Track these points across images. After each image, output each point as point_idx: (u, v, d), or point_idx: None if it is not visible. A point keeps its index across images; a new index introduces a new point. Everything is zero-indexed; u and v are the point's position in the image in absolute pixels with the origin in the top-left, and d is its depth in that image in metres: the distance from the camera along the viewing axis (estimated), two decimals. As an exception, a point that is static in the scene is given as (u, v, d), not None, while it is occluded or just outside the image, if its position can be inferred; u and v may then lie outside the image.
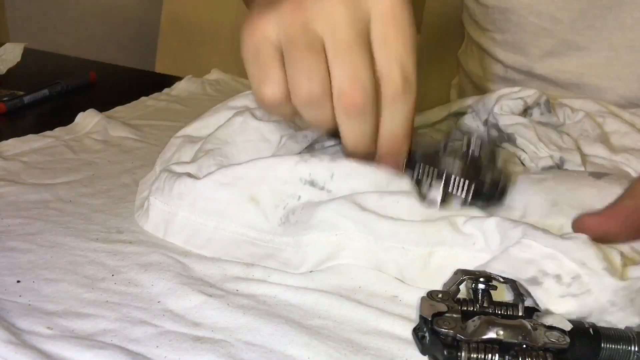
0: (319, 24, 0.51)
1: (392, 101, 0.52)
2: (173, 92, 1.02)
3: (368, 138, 0.53)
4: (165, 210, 0.55)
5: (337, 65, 0.51)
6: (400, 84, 0.51)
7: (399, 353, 0.42)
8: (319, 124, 0.53)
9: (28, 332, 0.42)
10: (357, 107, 0.51)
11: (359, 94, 0.50)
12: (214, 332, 0.43)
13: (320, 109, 0.52)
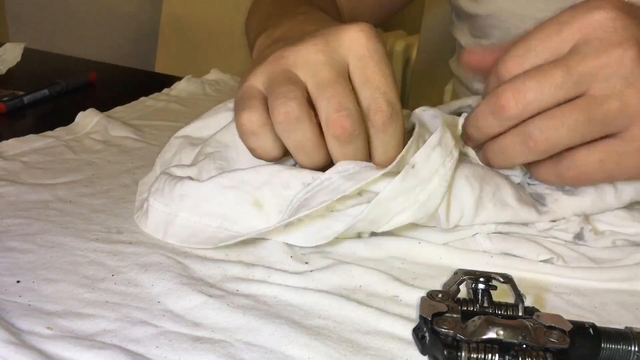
0: (299, 69, 0.54)
1: (382, 128, 0.54)
2: (172, 92, 1.02)
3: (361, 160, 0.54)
4: (165, 211, 0.55)
5: (322, 99, 0.53)
6: (388, 110, 0.53)
7: (399, 353, 0.42)
8: (302, 150, 0.54)
9: (28, 332, 0.42)
10: (346, 132, 0.52)
11: (347, 119, 0.52)
12: (214, 332, 0.43)
13: (299, 131, 0.52)
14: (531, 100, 0.51)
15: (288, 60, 0.55)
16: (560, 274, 0.53)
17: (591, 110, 0.51)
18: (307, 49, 0.54)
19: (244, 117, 0.54)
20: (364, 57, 0.54)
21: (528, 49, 0.55)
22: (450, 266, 0.52)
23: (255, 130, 0.54)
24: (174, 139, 0.66)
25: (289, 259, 0.53)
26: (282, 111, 0.52)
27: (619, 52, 0.51)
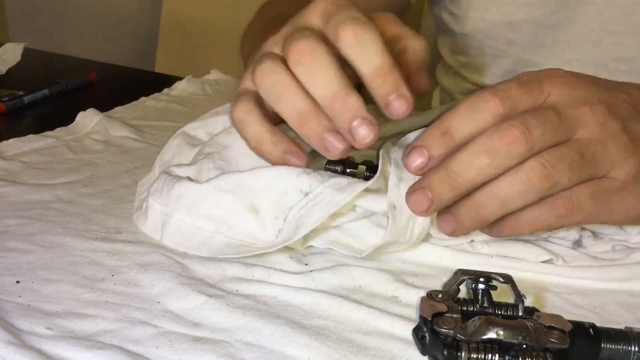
0: (275, 48, 0.56)
1: (352, 43, 0.52)
2: (173, 93, 1.02)
3: (340, 83, 0.52)
4: (162, 212, 0.55)
5: (284, 45, 0.54)
6: (353, 25, 0.52)
7: (399, 353, 0.42)
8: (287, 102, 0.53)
9: (28, 333, 0.42)
10: (305, 50, 0.52)
11: (302, 39, 0.52)
12: (214, 332, 0.43)
13: (276, 76, 0.53)
14: (537, 137, 0.50)
15: (264, 48, 0.57)
16: (560, 273, 0.53)
17: (583, 149, 0.51)
18: (280, 32, 0.57)
19: (233, 110, 0.56)
20: (325, 8, 0.55)
21: (511, 87, 0.53)
22: (450, 266, 0.52)
23: (241, 117, 0.55)
24: (173, 139, 0.66)
25: (288, 259, 0.53)
26: (257, 72, 0.54)
27: (588, 106, 0.53)
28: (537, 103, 0.53)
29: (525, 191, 0.50)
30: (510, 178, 0.50)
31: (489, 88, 0.53)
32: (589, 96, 0.54)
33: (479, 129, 0.51)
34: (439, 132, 0.51)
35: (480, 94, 0.52)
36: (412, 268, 0.53)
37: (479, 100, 0.52)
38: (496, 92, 0.52)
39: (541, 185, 0.49)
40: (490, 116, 0.51)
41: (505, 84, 0.53)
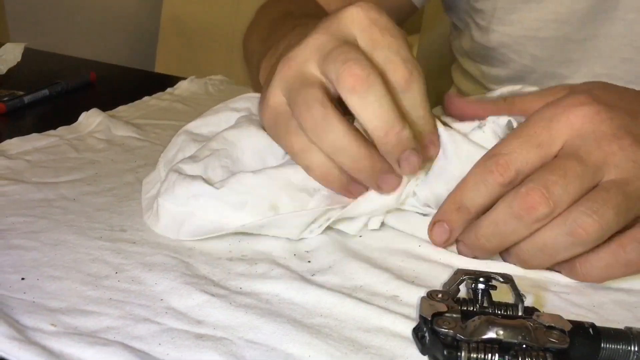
0: (311, 63, 0.53)
1: (406, 86, 0.52)
2: (176, 92, 1.03)
3: (394, 113, 0.51)
4: (178, 211, 0.55)
5: (328, 64, 0.52)
6: (405, 68, 0.52)
7: (399, 352, 0.42)
8: (340, 150, 0.52)
9: (32, 329, 0.42)
10: (359, 78, 0.50)
11: (355, 65, 0.50)
12: (216, 329, 0.43)
13: (330, 131, 0.52)
14: (560, 194, 0.49)
15: (297, 59, 0.54)
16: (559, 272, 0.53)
17: (624, 188, 0.49)
18: (312, 40, 0.53)
19: (291, 139, 0.54)
20: (367, 26, 0.53)
21: (515, 148, 0.52)
22: (450, 265, 0.53)
23: (304, 146, 0.54)
24: (176, 137, 0.66)
25: (292, 257, 0.53)
26: (307, 116, 0.52)
27: (616, 143, 0.50)
28: (549, 155, 0.51)
29: (572, 243, 0.49)
30: (554, 230, 0.49)
31: (491, 152, 0.53)
32: (614, 131, 0.51)
33: (492, 199, 0.52)
34: (454, 207, 0.53)
35: (484, 163, 0.52)
36: (413, 267, 0.53)
37: (484, 171, 0.52)
38: (497, 159, 0.51)
39: (588, 236, 0.48)
40: (498, 187, 0.51)
41: (509, 144, 0.52)
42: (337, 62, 0.51)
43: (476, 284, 0.44)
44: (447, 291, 0.44)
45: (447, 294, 0.44)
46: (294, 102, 0.53)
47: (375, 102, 0.50)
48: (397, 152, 0.52)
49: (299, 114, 0.52)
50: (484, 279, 0.44)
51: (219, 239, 0.55)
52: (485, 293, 0.44)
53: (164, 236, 0.55)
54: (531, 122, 0.53)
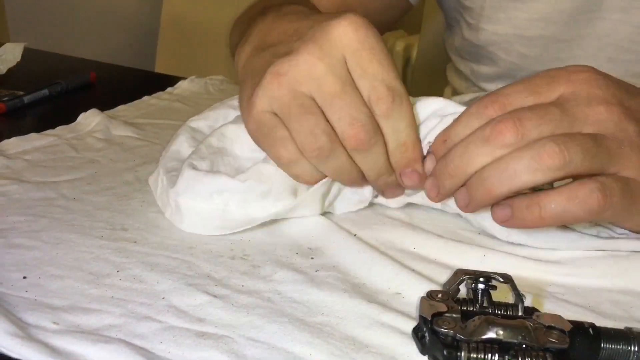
0: (303, 85, 0.54)
1: (386, 115, 0.54)
2: (176, 92, 1.03)
3: (385, 165, 0.56)
4: (203, 207, 0.56)
5: (333, 113, 0.54)
6: (388, 96, 0.54)
7: (400, 350, 0.42)
8: (341, 174, 0.57)
9: (34, 327, 0.42)
10: (363, 142, 0.53)
11: (360, 130, 0.53)
12: (218, 328, 0.43)
13: (333, 160, 0.55)
14: (530, 128, 0.50)
15: (289, 78, 0.54)
16: (554, 271, 0.53)
17: (599, 140, 0.51)
18: (304, 60, 0.54)
19: (279, 152, 0.56)
20: (356, 50, 0.54)
21: (515, 91, 0.54)
22: (450, 266, 0.53)
23: (294, 159, 0.55)
24: (177, 134, 0.66)
25: (294, 255, 0.53)
26: (314, 147, 0.54)
27: (605, 105, 0.52)
28: (545, 101, 0.53)
29: (534, 168, 0.49)
30: (518, 152, 0.50)
31: (492, 92, 0.54)
32: (607, 96, 0.53)
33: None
34: (441, 140, 0.55)
35: (482, 101, 0.54)
36: (414, 266, 0.53)
37: (479, 107, 0.54)
38: (496, 98, 0.53)
39: (551, 162, 0.49)
40: (487, 121, 0.53)
41: (511, 87, 0.54)
42: (343, 120, 0.54)
43: (476, 284, 0.44)
44: (447, 291, 0.44)
45: (447, 294, 0.44)
46: (295, 129, 0.54)
47: (373, 158, 0.55)
48: (382, 189, 0.60)
49: (304, 142, 0.54)
50: (484, 279, 0.44)
51: (220, 238, 0.56)
52: (485, 293, 0.44)
53: (165, 235, 0.56)
54: (535, 76, 0.55)
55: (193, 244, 0.54)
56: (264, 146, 0.57)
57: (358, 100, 0.54)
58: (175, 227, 0.57)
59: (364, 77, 0.54)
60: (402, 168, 0.56)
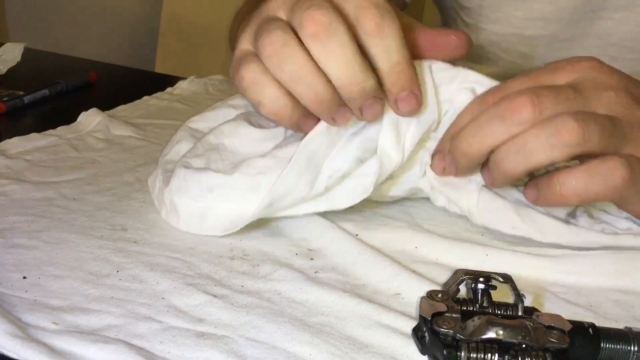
0: (278, 11, 0.52)
1: (375, 32, 0.50)
2: (175, 92, 1.03)
3: (357, 63, 0.49)
4: (196, 206, 0.56)
5: (295, 11, 0.50)
6: (376, 13, 0.50)
7: (400, 350, 0.42)
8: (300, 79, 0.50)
9: (34, 327, 0.42)
10: (321, 24, 0.48)
11: (317, 11, 0.48)
12: (218, 328, 0.43)
13: (290, 58, 0.49)
14: (548, 105, 0.50)
15: (266, 10, 0.53)
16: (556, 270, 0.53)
17: (614, 121, 0.51)
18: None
19: (242, 71, 0.52)
20: None
21: (519, 83, 0.54)
22: (450, 266, 0.53)
23: (255, 78, 0.51)
24: (176, 133, 0.66)
25: (294, 255, 0.53)
26: (266, 42, 0.50)
27: (613, 90, 0.53)
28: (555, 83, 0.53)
29: (551, 145, 0.49)
30: (536, 130, 0.50)
31: (495, 86, 0.55)
32: (614, 82, 0.53)
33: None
34: (448, 137, 0.55)
35: (485, 94, 0.54)
36: (414, 266, 0.53)
37: (482, 101, 0.54)
38: (500, 91, 0.54)
39: (569, 139, 0.49)
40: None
41: (515, 81, 0.54)
42: (301, 9, 0.49)
43: (476, 284, 0.44)
44: (447, 291, 0.44)
45: (447, 294, 0.44)
46: (257, 35, 0.51)
47: (337, 50, 0.49)
48: (360, 101, 0.51)
49: (260, 43, 0.50)
50: (484, 279, 0.44)
51: (220, 238, 0.56)
52: (485, 293, 0.44)
53: (165, 235, 0.56)
54: (538, 69, 0.55)
55: (193, 244, 0.54)
56: (233, 78, 0.54)
57: (325, 3, 0.49)
58: (175, 227, 0.57)
59: (349, 1, 0.50)
60: (399, 91, 0.52)
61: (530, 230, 0.56)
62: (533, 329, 0.40)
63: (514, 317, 0.43)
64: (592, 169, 0.50)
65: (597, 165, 0.50)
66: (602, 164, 0.50)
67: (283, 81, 0.51)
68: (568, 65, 0.54)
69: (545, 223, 0.56)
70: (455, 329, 0.40)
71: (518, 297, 0.43)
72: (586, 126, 0.49)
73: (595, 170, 0.50)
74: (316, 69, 0.50)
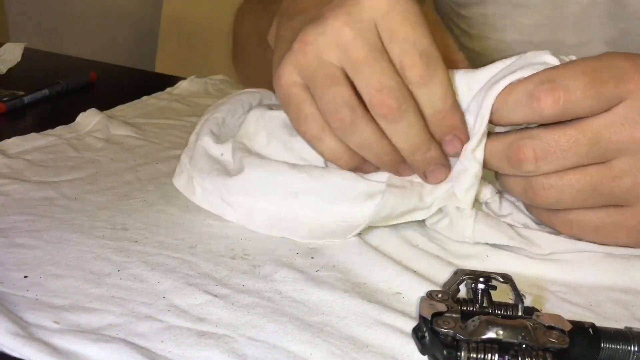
0: (329, 54, 0.52)
1: (420, 83, 0.52)
2: (175, 92, 1.02)
3: (422, 138, 0.53)
4: (278, 209, 0.57)
5: (360, 80, 0.52)
6: (420, 63, 0.51)
7: (400, 349, 0.42)
8: (365, 148, 0.54)
9: (35, 326, 0.42)
10: (392, 110, 0.51)
11: (389, 96, 0.51)
12: (218, 327, 0.43)
13: (358, 132, 0.53)
14: (550, 161, 0.50)
15: (315, 47, 0.53)
16: (556, 270, 0.53)
17: (602, 183, 0.51)
18: (330, 28, 0.52)
19: (303, 128, 0.55)
20: (387, 12, 0.51)
21: (576, 85, 0.50)
22: (451, 265, 0.53)
23: (318, 135, 0.55)
24: (197, 134, 0.67)
25: (295, 254, 0.53)
26: (336, 118, 0.52)
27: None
28: (595, 111, 0.50)
29: (523, 197, 0.54)
30: (514, 180, 0.53)
31: (551, 72, 0.52)
32: None
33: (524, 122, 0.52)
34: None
35: (538, 86, 0.50)
36: (416, 265, 0.53)
37: (534, 90, 0.50)
38: (554, 87, 0.50)
39: (536, 200, 0.53)
40: (537, 117, 0.51)
41: (573, 77, 0.50)
42: (370, 87, 0.51)
43: (476, 284, 0.44)
44: (447, 291, 0.44)
45: (447, 294, 0.44)
46: (319, 97, 0.53)
47: (405, 128, 0.52)
48: (422, 168, 0.55)
49: (327, 113, 0.53)
50: (484, 279, 0.44)
51: (221, 237, 0.56)
52: (485, 293, 0.44)
53: (166, 234, 0.56)
54: (601, 65, 0.52)
55: (194, 243, 0.54)
56: (291, 120, 0.56)
57: (386, 66, 0.51)
58: (175, 227, 0.57)
59: (394, 41, 0.51)
60: (444, 135, 0.54)
61: (526, 242, 0.56)
62: (533, 329, 0.40)
63: (514, 317, 0.43)
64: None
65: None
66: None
67: (350, 146, 0.55)
68: (635, 78, 0.51)
69: (540, 236, 0.56)
70: (455, 329, 0.40)
71: (518, 297, 0.43)
72: (556, 194, 0.52)
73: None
74: (382, 138, 0.54)
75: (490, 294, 0.44)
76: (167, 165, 0.71)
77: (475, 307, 0.44)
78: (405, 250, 0.56)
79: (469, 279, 0.45)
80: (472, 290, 0.44)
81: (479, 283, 0.44)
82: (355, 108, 0.52)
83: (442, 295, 0.43)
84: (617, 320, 0.47)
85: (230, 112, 0.67)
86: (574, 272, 0.53)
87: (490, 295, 0.44)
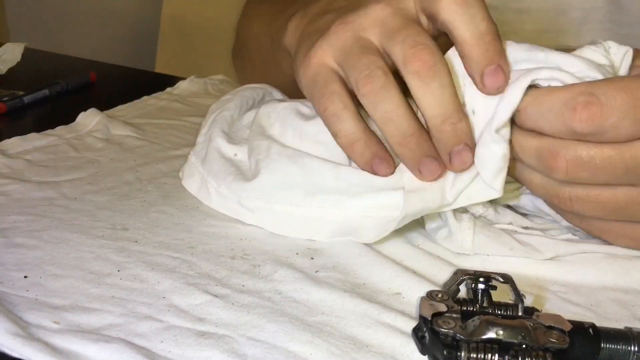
0: (369, 31, 0.52)
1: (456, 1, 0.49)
2: (175, 92, 1.03)
3: (454, 104, 0.50)
4: (300, 211, 0.57)
5: (395, 44, 0.50)
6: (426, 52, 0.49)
7: (400, 349, 0.42)
8: (391, 120, 0.51)
9: (35, 326, 0.42)
10: (426, 64, 0.49)
11: (424, 51, 0.49)
12: (218, 327, 0.43)
13: (387, 100, 0.51)
14: (581, 177, 0.48)
15: (355, 25, 0.52)
16: (556, 270, 0.53)
17: (628, 206, 0.49)
18: (372, 9, 0.52)
19: (325, 103, 0.53)
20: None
21: (614, 105, 0.45)
22: (452, 264, 0.53)
23: (337, 113, 0.53)
24: (208, 134, 0.67)
25: (295, 255, 0.54)
26: (367, 82, 0.50)
27: None
28: (635, 135, 0.46)
29: (548, 199, 0.53)
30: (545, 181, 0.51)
31: (591, 85, 0.46)
32: None
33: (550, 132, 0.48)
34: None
35: (575, 98, 0.46)
36: (416, 265, 0.53)
37: (570, 101, 0.46)
38: (592, 101, 0.45)
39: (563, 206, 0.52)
40: (566, 130, 0.47)
41: (611, 94, 0.45)
42: (405, 45, 0.50)
43: (476, 284, 0.44)
44: (447, 291, 0.44)
45: (447, 294, 0.44)
46: (352, 66, 0.52)
47: (437, 89, 0.49)
48: (450, 143, 0.50)
49: (358, 78, 0.51)
50: (484, 279, 0.44)
51: (220, 238, 0.56)
52: (485, 293, 0.44)
53: (166, 234, 0.56)
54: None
55: (193, 243, 0.54)
56: (312, 97, 0.55)
57: (425, 32, 0.50)
58: (175, 227, 0.57)
59: (437, 3, 0.50)
60: (486, 65, 0.49)
61: (527, 249, 0.56)
62: (533, 329, 0.40)
63: (514, 317, 0.43)
64: None
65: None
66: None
67: (375, 119, 0.52)
68: None
69: (542, 241, 0.56)
70: (455, 329, 0.40)
71: (518, 297, 0.43)
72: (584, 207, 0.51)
73: None
74: (409, 112, 0.51)
75: (490, 294, 0.44)
76: (167, 165, 0.71)
77: (475, 307, 0.44)
78: (405, 250, 0.56)
79: (469, 279, 0.45)
80: (472, 290, 0.44)
81: (479, 283, 0.44)
82: (388, 73, 0.51)
83: (442, 295, 0.43)
84: (618, 320, 0.47)
85: (237, 109, 0.67)
86: (575, 272, 0.53)
87: (490, 295, 0.44)
